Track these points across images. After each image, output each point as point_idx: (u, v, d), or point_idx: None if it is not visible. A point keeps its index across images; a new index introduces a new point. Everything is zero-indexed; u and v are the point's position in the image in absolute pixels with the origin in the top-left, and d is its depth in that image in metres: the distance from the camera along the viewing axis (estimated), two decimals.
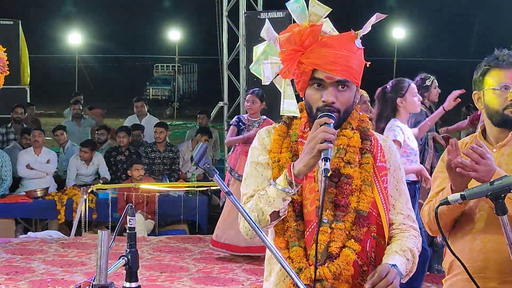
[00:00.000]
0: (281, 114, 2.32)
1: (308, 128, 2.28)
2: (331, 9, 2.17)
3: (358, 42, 2.22)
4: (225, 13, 10.03)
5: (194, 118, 20.37)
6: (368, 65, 2.28)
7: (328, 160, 2.04)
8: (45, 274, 6.35)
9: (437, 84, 6.61)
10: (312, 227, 2.18)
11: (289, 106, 2.28)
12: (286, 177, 2.11)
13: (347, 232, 2.18)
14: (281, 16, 8.77)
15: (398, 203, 2.29)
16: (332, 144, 2.07)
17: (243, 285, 6.13)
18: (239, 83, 9.92)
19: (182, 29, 32.32)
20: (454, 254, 2.29)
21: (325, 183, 2.06)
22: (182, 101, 33.64)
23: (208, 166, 2.04)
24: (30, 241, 7.61)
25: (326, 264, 2.15)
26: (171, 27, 31.75)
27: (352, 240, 2.17)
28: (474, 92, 2.69)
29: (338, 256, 2.16)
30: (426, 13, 35.78)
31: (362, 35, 2.23)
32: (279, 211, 2.15)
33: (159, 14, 40.58)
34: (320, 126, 2.10)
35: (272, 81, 2.33)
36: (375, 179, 2.23)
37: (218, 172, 2.06)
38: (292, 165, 2.12)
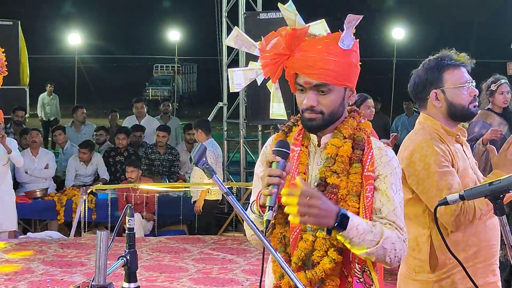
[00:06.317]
0: (270, 117, 2.34)
1: (301, 135, 2.28)
2: (296, 13, 2.18)
3: (343, 44, 2.16)
4: (224, 14, 10.02)
5: (193, 119, 20.36)
6: (359, 65, 2.24)
7: (271, 209, 2.02)
8: (45, 275, 6.34)
9: (505, 90, 5.58)
10: (295, 233, 2.19)
11: (277, 109, 2.29)
12: (256, 205, 2.16)
13: (331, 242, 2.16)
14: (281, 16, 8.74)
15: (384, 208, 2.17)
16: (276, 190, 2.03)
17: (242, 285, 6.12)
18: None
19: (181, 29, 32.21)
20: (451, 252, 2.29)
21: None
22: (181, 102, 33.62)
23: (207, 166, 2.04)
24: (30, 242, 7.60)
25: (304, 271, 2.16)
26: (170, 27, 31.64)
27: (332, 249, 2.15)
28: None
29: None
30: (426, 13, 35.80)
31: (358, 36, 2.20)
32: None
33: (158, 14, 40.56)
34: (269, 164, 2.07)
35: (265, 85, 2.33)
36: (362, 189, 2.19)
37: (216, 173, 2.07)
38: (259, 195, 2.13)
